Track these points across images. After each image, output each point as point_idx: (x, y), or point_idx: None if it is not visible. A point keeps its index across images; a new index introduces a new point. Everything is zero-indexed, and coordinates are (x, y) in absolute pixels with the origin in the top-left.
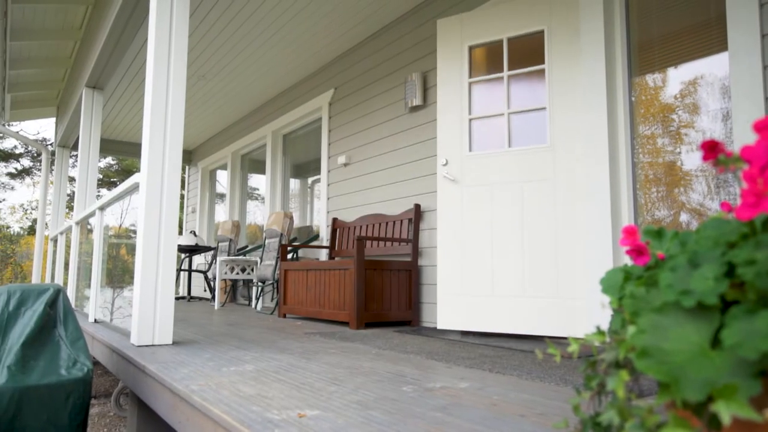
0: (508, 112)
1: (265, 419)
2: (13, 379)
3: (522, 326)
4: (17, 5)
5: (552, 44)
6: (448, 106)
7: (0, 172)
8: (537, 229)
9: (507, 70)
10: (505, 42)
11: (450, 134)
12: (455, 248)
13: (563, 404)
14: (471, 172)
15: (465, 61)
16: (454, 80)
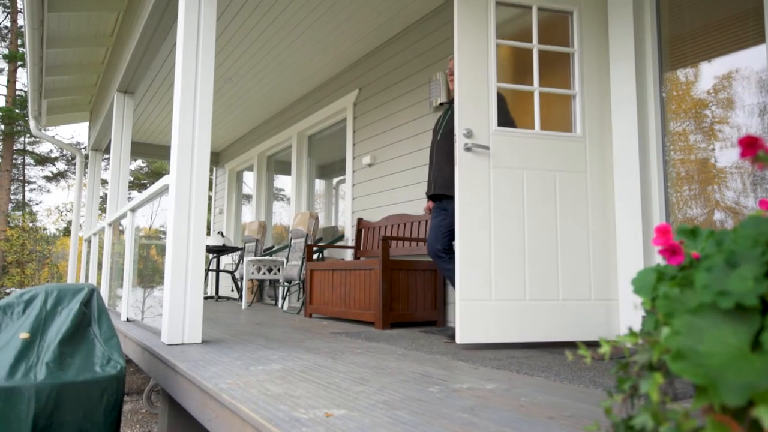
0: (538, 89)
1: (292, 418)
2: (51, 375)
3: (553, 333)
4: (53, 14)
5: (582, 29)
6: (471, 67)
7: (37, 175)
8: (570, 224)
9: (537, 43)
10: (535, 11)
11: (473, 101)
12: (481, 243)
13: (593, 407)
14: (503, 151)
15: (492, 17)
16: (479, 36)
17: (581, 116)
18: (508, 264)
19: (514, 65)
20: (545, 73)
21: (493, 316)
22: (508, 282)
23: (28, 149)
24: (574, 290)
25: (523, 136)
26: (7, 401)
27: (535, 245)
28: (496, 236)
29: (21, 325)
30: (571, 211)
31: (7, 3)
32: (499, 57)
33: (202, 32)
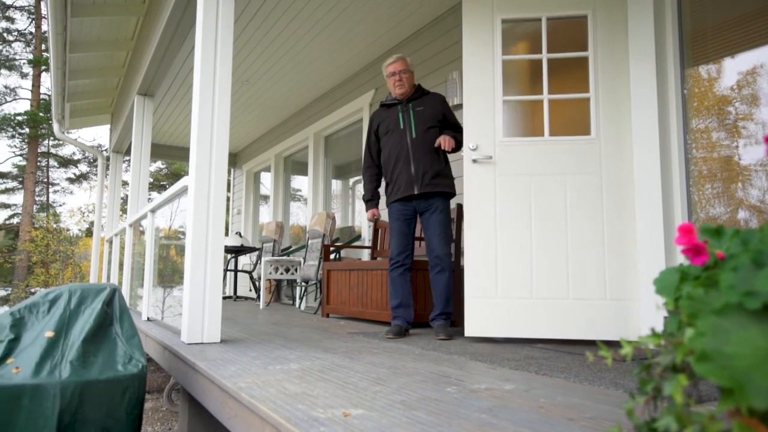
0: (547, 97)
1: (310, 417)
2: (75, 373)
3: (567, 331)
4: (76, 19)
5: (596, 31)
6: (477, 83)
7: (60, 177)
8: (582, 226)
9: (546, 52)
10: (544, 21)
11: (479, 116)
12: (486, 244)
13: (614, 408)
14: (506, 160)
15: (497, 35)
16: (484, 55)
17: (596, 118)
18: (514, 263)
19: (529, 66)
20: (560, 75)
21: (505, 313)
22: (515, 280)
23: (51, 152)
24: (588, 289)
25: (530, 143)
26: (34, 398)
27: (543, 246)
28: (503, 239)
29: (46, 323)
30: (584, 212)
31: (32, 9)
32: (512, 62)
33: (220, 35)
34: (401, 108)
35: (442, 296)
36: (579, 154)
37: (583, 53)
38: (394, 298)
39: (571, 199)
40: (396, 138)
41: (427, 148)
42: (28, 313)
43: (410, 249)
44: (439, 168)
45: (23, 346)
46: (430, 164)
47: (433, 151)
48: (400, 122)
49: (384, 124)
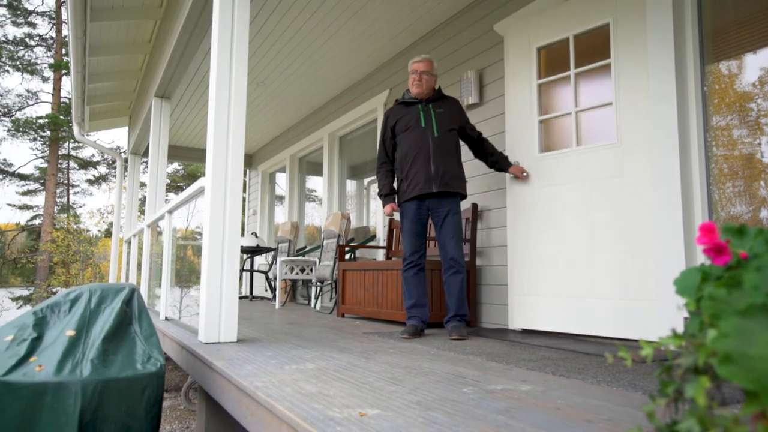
0: (575, 110)
1: (326, 417)
2: (96, 371)
3: (590, 327)
4: (95, 23)
5: (617, 36)
6: (518, 108)
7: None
8: (606, 228)
9: (573, 68)
10: (572, 39)
11: (520, 136)
12: (525, 248)
13: (633, 410)
14: (541, 173)
15: (533, 63)
16: (523, 82)
17: (617, 123)
18: (547, 264)
19: (558, 81)
20: (586, 83)
21: (541, 309)
22: (548, 280)
23: (72, 154)
24: (610, 289)
25: (561, 155)
26: (56, 396)
27: (571, 248)
28: (539, 244)
29: (68, 322)
30: (607, 214)
31: (53, 14)
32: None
33: (236, 37)
34: (422, 107)
35: (457, 298)
36: (603, 159)
37: (606, 61)
38: (409, 298)
39: (597, 202)
40: (416, 136)
41: (446, 149)
42: (50, 312)
43: (423, 249)
44: (458, 170)
45: (46, 345)
46: (449, 165)
47: (453, 152)
48: (421, 120)
49: (402, 121)
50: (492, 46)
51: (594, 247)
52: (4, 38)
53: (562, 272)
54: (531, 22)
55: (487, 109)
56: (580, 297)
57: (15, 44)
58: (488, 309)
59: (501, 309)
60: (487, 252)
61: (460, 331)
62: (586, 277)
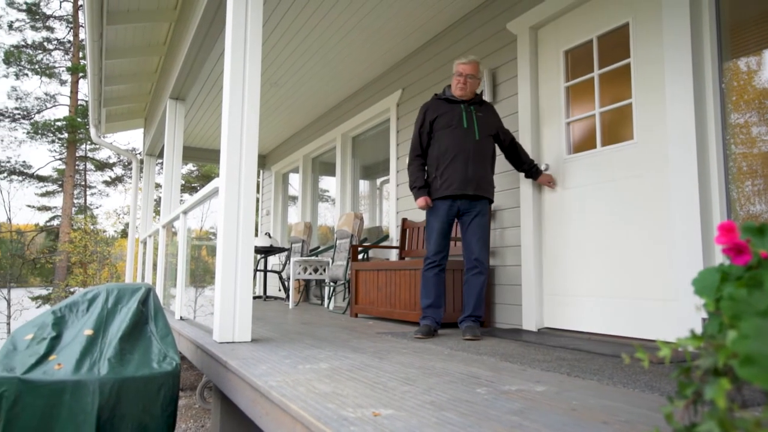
0: (598, 111)
1: (340, 417)
2: (113, 370)
3: (608, 327)
4: (111, 27)
5: (637, 35)
6: (547, 111)
7: (97, 180)
8: (624, 227)
9: (597, 69)
10: (595, 41)
11: (550, 139)
12: (555, 250)
13: (650, 412)
14: (568, 175)
15: (561, 67)
16: (551, 86)
17: (637, 121)
18: (575, 265)
19: (581, 82)
20: (607, 83)
21: (569, 308)
22: (575, 280)
23: (89, 156)
24: (630, 289)
25: (586, 156)
26: (74, 394)
27: (595, 248)
28: (567, 244)
29: (85, 322)
30: (627, 214)
31: (70, 18)
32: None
33: (249, 39)
34: (464, 107)
35: (475, 299)
36: (624, 159)
37: (626, 61)
38: (426, 297)
39: (618, 202)
40: (458, 135)
41: (485, 154)
42: (68, 311)
43: (447, 250)
44: (491, 176)
45: (64, 344)
46: (485, 169)
47: (489, 158)
48: (464, 121)
49: (444, 118)
50: (504, 45)
51: (612, 246)
52: (24, 42)
53: (580, 271)
54: (559, 26)
55: (500, 109)
56: (598, 296)
57: (34, 48)
58: (502, 309)
59: (515, 309)
60: (500, 252)
61: (474, 331)
62: (604, 277)
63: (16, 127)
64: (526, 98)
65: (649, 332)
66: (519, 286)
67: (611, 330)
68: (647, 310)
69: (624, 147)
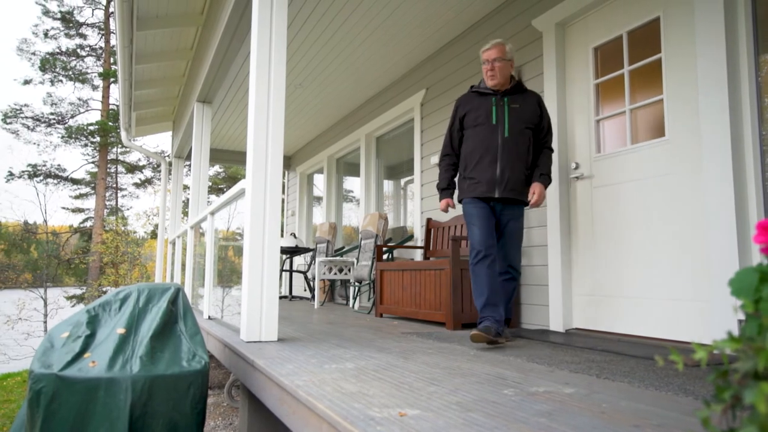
0: (629, 108)
1: (367, 416)
2: (144, 368)
3: (638, 328)
4: (141, 32)
5: (668, 29)
6: (576, 109)
7: (127, 182)
8: (656, 226)
9: (627, 65)
10: (625, 36)
11: (578, 138)
12: (586, 250)
13: (684, 416)
14: (599, 174)
15: (590, 63)
16: (581, 83)
17: (669, 118)
18: (605, 265)
19: (610, 79)
20: (637, 80)
21: (602, 309)
22: (607, 280)
23: (119, 158)
24: (662, 290)
25: (617, 155)
26: (108, 391)
27: (627, 248)
28: (598, 244)
29: (118, 320)
30: (659, 213)
31: (102, 25)
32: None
33: (274, 42)
34: (495, 100)
35: (504, 304)
36: (655, 157)
37: (657, 56)
38: (480, 295)
39: (650, 201)
40: (486, 132)
41: (517, 151)
42: (101, 310)
43: (495, 239)
44: (526, 174)
45: (98, 342)
46: (517, 168)
47: (524, 154)
48: (493, 116)
49: (473, 114)
50: (529, 43)
51: (643, 245)
52: (58, 50)
53: (610, 271)
54: (588, 22)
55: None
56: (628, 297)
57: (68, 55)
58: (528, 309)
59: (542, 309)
60: (526, 251)
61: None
62: (635, 277)
63: (51, 131)
64: (552, 96)
65: (681, 334)
66: (546, 287)
67: (642, 331)
68: (680, 311)
69: (656, 144)
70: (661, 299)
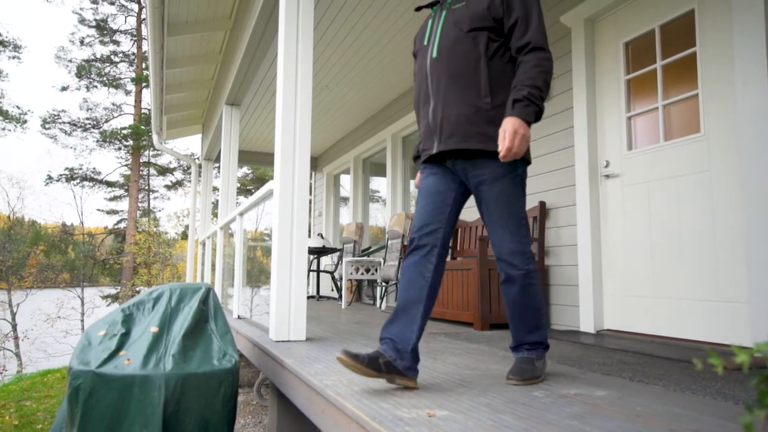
0: (661, 104)
1: (395, 417)
2: (177, 366)
3: (673, 330)
4: (171, 38)
5: (703, 22)
6: (606, 106)
7: (159, 184)
8: (693, 225)
9: (660, 60)
10: (657, 30)
11: (608, 134)
12: (616, 249)
13: (723, 421)
14: (630, 172)
15: (620, 59)
16: (611, 79)
17: (704, 114)
18: (638, 264)
19: (642, 75)
20: (670, 75)
21: (633, 310)
22: (639, 280)
23: (151, 161)
24: (698, 290)
25: (649, 152)
26: (143, 388)
27: (659, 247)
28: (629, 243)
29: (151, 319)
30: (694, 211)
31: (134, 32)
32: None
33: (301, 44)
34: (436, 10)
35: (517, 320)
36: (690, 153)
37: (691, 50)
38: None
39: (684, 199)
40: (420, 61)
41: (455, 72)
42: (135, 309)
43: (441, 223)
44: (483, 107)
45: (132, 340)
46: (460, 100)
47: (468, 74)
48: (427, 33)
49: (416, 40)
50: (558, 39)
51: (678, 245)
52: (93, 56)
53: (643, 271)
54: (618, 17)
55: (554, 104)
56: (662, 297)
57: (102, 61)
58: (558, 310)
59: (571, 310)
60: (555, 251)
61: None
62: (670, 277)
63: (87, 136)
64: (581, 93)
65: (718, 336)
66: (576, 287)
67: (676, 333)
68: (717, 313)
69: (690, 141)
70: (697, 300)
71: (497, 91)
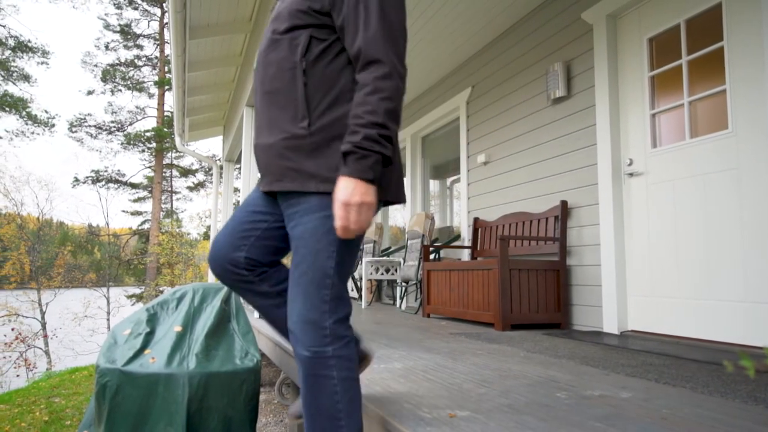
0: (687, 100)
1: (416, 417)
2: (200, 365)
3: (699, 331)
4: (193, 41)
5: (731, 16)
6: (629, 103)
7: (181, 186)
8: (720, 224)
9: (685, 56)
10: (683, 25)
11: (632, 132)
12: (641, 249)
13: (754, 425)
14: (654, 170)
15: (644, 55)
16: (634, 76)
17: (732, 110)
18: (663, 264)
19: (667, 72)
20: (697, 70)
21: (658, 310)
22: (665, 280)
23: (174, 163)
24: (727, 290)
25: (674, 149)
26: (167, 386)
27: (686, 246)
28: (654, 243)
29: (175, 319)
30: (722, 210)
31: (157, 36)
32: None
33: None
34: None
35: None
36: (717, 151)
37: (718, 44)
38: None
39: (711, 198)
40: None
41: (269, 88)
42: (160, 309)
43: (264, 259)
44: (295, 132)
45: (157, 339)
46: (273, 126)
47: (287, 90)
48: None
49: None
50: (579, 36)
51: (706, 244)
52: (118, 61)
53: (669, 271)
54: (641, 13)
55: (576, 102)
56: (689, 298)
57: (126, 65)
58: (580, 311)
59: (594, 311)
60: (577, 251)
61: None
62: (697, 277)
63: (112, 138)
64: (604, 90)
65: (748, 338)
66: (599, 287)
67: (703, 334)
68: (746, 314)
69: (717, 138)
70: (724, 300)
71: (319, 109)
